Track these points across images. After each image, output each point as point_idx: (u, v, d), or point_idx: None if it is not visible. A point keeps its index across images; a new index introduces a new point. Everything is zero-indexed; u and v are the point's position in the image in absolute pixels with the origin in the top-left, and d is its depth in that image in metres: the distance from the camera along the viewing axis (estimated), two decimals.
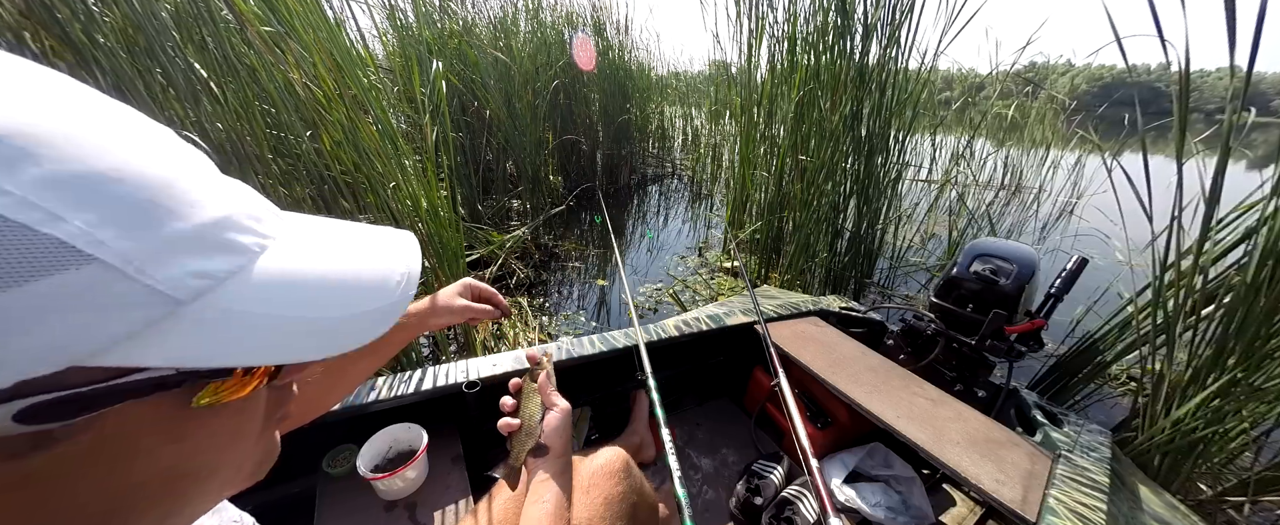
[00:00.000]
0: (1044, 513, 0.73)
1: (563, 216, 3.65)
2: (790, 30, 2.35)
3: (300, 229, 0.22)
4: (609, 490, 0.66)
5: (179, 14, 1.17)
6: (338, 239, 0.24)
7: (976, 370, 1.17)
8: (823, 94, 2.26)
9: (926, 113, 2.95)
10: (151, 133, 0.18)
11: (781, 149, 2.53)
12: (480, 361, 1.00)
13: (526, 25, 3.48)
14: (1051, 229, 3.73)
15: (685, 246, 3.40)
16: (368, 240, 0.25)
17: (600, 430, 1.20)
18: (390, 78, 2.08)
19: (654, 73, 4.98)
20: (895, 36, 2.08)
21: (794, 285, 2.59)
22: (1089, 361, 1.57)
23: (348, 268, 0.22)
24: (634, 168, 4.98)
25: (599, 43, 3.88)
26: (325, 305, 0.20)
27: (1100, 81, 35.40)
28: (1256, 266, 1.08)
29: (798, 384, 1.10)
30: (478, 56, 2.92)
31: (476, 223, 2.84)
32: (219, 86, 1.23)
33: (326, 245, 0.23)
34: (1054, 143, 4.38)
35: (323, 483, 0.84)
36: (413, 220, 1.68)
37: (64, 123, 0.15)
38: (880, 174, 2.38)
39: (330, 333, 0.20)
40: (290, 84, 1.34)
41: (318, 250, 0.22)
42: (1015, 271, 1.10)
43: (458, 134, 2.94)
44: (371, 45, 1.84)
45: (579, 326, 2.28)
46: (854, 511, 1.01)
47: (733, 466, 1.21)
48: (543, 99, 3.44)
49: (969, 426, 0.91)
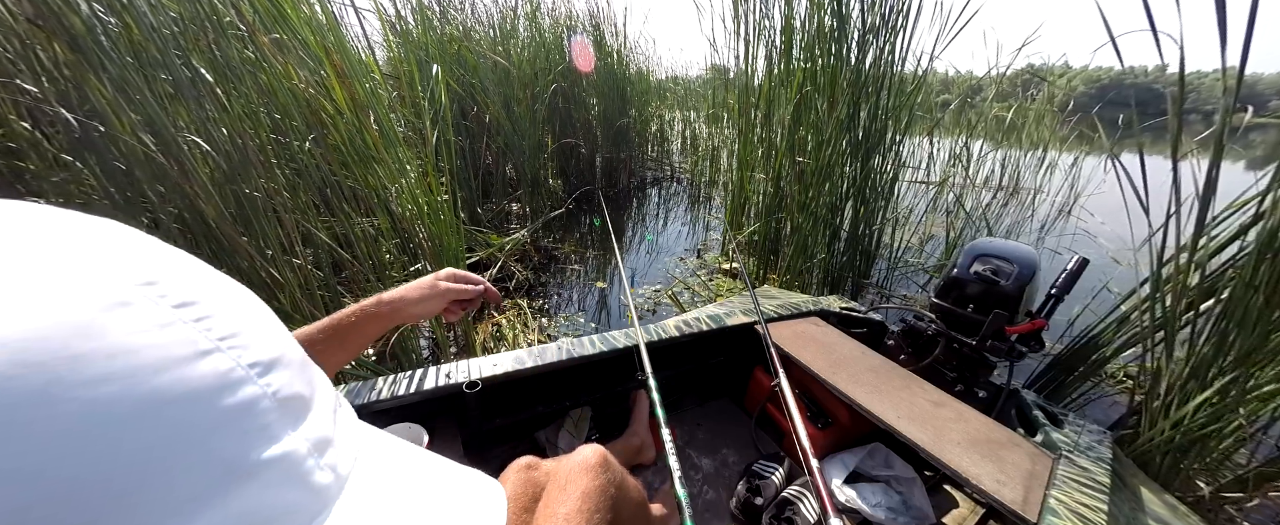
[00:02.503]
0: (1045, 513, 0.73)
1: (562, 219, 3.66)
2: (787, 34, 2.36)
3: (376, 466, 0.20)
4: (585, 485, 0.66)
5: (185, 21, 1.18)
6: (419, 475, 0.22)
7: (977, 370, 1.17)
8: (820, 97, 2.28)
9: (923, 115, 2.97)
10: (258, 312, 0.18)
11: (779, 151, 2.54)
12: (480, 361, 1.00)
13: (525, 30, 3.50)
14: (1049, 229, 3.74)
15: (684, 248, 3.41)
16: (455, 482, 0.23)
17: (600, 430, 1.20)
18: (391, 83, 2.09)
19: (653, 76, 5.01)
20: (892, 40, 2.09)
21: (792, 286, 2.60)
22: (1085, 359, 1.57)
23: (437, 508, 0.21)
24: (633, 171, 4.99)
25: (597, 46, 3.91)
26: None
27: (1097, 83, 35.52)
28: (1254, 262, 1.08)
29: (798, 384, 1.10)
30: (477, 61, 2.94)
31: (476, 226, 2.85)
32: (224, 92, 1.24)
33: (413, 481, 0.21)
34: (1051, 144, 4.40)
35: None
36: (414, 223, 1.69)
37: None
38: (877, 176, 2.39)
39: None
40: (295, 89, 1.35)
41: (405, 484, 0.20)
42: (1016, 272, 1.10)
43: (457, 138, 2.95)
44: (373, 51, 1.86)
45: (579, 328, 2.28)
46: (854, 512, 1.01)
47: (733, 467, 1.21)
48: (542, 102, 3.45)
49: (970, 427, 0.91)
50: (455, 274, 0.62)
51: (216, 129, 1.22)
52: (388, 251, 1.75)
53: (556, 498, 0.65)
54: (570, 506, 0.63)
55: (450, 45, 2.86)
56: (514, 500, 0.70)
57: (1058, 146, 4.41)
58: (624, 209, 4.41)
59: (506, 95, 3.14)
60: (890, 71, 2.16)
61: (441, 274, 0.62)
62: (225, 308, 0.15)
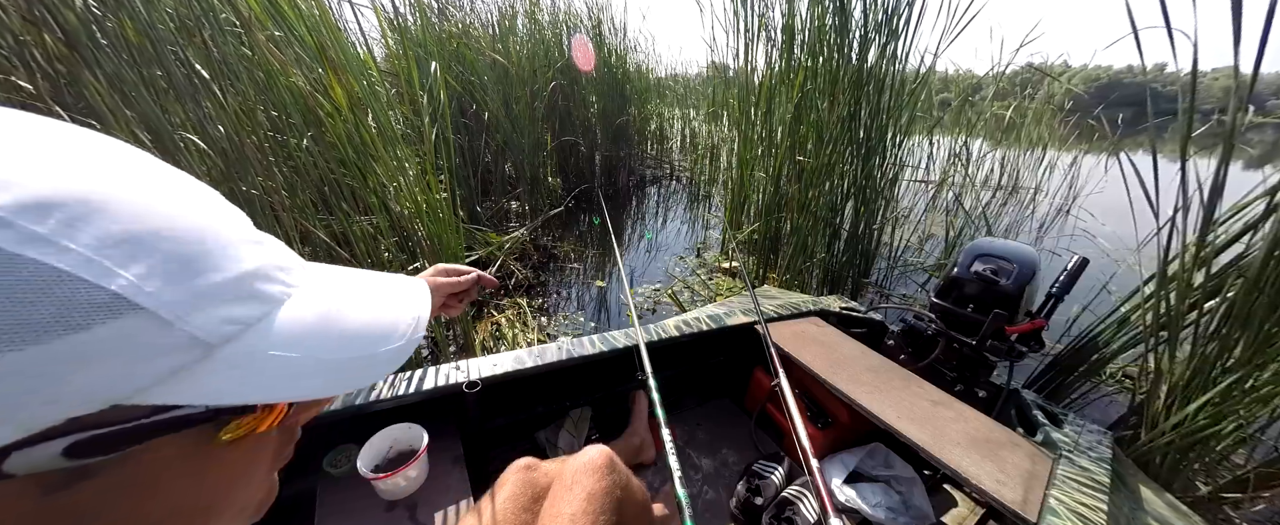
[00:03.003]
0: (1045, 513, 0.73)
1: (561, 218, 3.65)
2: (788, 31, 2.36)
3: (321, 278, 0.24)
4: (591, 486, 0.66)
5: (180, 17, 1.17)
6: (355, 287, 0.26)
7: (977, 370, 1.17)
8: (821, 95, 2.27)
9: (924, 114, 2.96)
10: (191, 190, 0.19)
11: (779, 150, 2.54)
12: (480, 361, 1.00)
13: (524, 27, 3.49)
14: (1048, 229, 3.75)
15: (684, 247, 3.40)
16: (382, 288, 0.27)
17: (600, 430, 1.20)
18: (390, 80, 2.08)
19: (652, 75, 5.00)
20: (894, 38, 2.08)
21: (792, 285, 2.60)
22: (1086, 359, 1.57)
23: (363, 314, 0.24)
24: (632, 169, 4.99)
25: (597, 44, 3.89)
26: (339, 348, 0.22)
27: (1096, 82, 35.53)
28: (1260, 262, 1.08)
29: (798, 384, 1.10)
30: (475, 58, 2.93)
31: (475, 224, 2.84)
32: (221, 89, 1.23)
33: (344, 293, 0.24)
34: (1051, 143, 4.40)
35: (323, 483, 0.84)
36: (412, 221, 1.68)
37: (114, 184, 0.16)
38: (878, 175, 2.38)
39: (343, 372, 0.22)
40: (294, 86, 1.34)
41: (336, 298, 0.24)
42: (1016, 271, 1.10)
43: (456, 136, 2.94)
44: (371, 48, 1.84)
45: (578, 327, 2.28)
46: (854, 512, 1.01)
47: (733, 467, 1.21)
48: (541, 100, 3.44)
49: (970, 427, 0.91)
50: (445, 268, 0.61)
51: (213, 126, 1.21)
52: (387, 250, 1.74)
53: (562, 497, 0.64)
54: (576, 507, 0.63)
55: (449, 42, 2.85)
56: (514, 500, 0.70)
57: (1057, 146, 4.41)
58: (623, 207, 4.41)
59: (505, 93, 3.13)
60: (892, 70, 2.15)
61: (429, 271, 0.61)
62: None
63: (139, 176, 0.17)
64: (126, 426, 0.16)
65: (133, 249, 0.15)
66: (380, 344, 0.24)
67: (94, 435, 0.15)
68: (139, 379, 0.16)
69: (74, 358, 0.14)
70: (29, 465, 0.15)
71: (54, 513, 0.16)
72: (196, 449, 0.19)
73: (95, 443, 0.15)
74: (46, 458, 0.15)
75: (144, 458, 0.17)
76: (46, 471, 0.15)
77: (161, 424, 0.17)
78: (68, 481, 0.16)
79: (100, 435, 0.15)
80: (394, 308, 0.26)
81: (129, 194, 0.16)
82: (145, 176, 0.18)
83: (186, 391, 0.17)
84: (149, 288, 0.15)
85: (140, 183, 0.17)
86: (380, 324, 0.24)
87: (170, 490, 0.19)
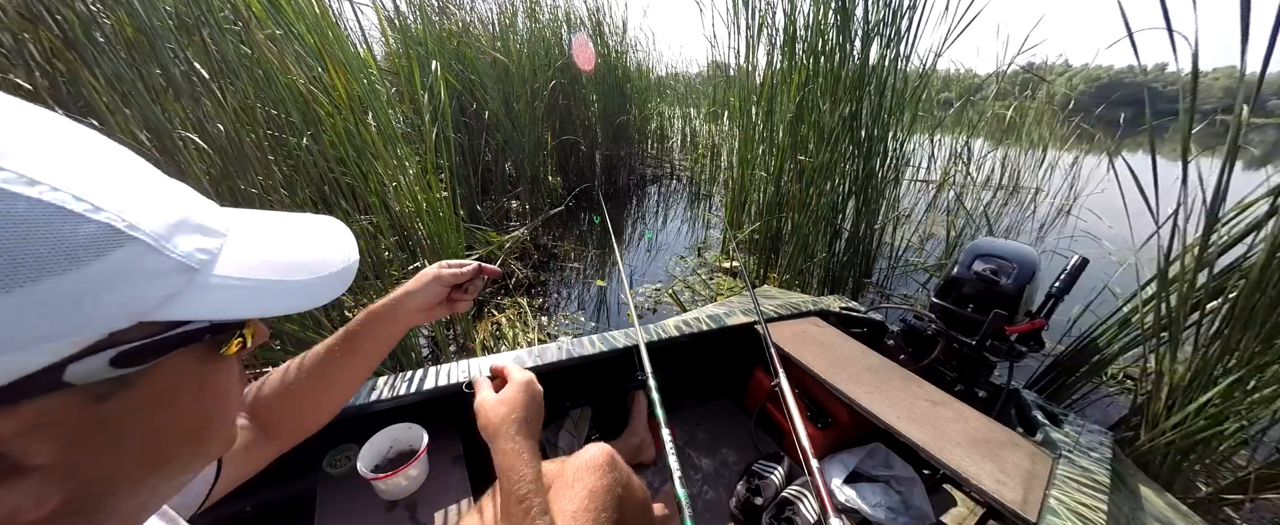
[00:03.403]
0: (1045, 513, 0.73)
1: (562, 217, 3.65)
2: (789, 30, 2.35)
3: (245, 217, 0.27)
4: (593, 483, 0.66)
5: (179, 15, 1.17)
6: (282, 223, 0.29)
7: (977, 370, 1.17)
8: (822, 95, 2.27)
9: (926, 113, 2.96)
10: (118, 148, 0.22)
11: (780, 149, 2.54)
12: (480, 361, 1.00)
13: (524, 25, 3.48)
14: (1049, 229, 3.74)
15: (684, 247, 3.40)
16: (306, 223, 0.31)
17: (600, 430, 1.20)
18: (390, 79, 2.08)
19: (652, 73, 4.99)
20: (896, 37, 2.08)
21: (793, 285, 2.60)
22: (1087, 360, 1.57)
23: (303, 243, 0.29)
24: (633, 168, 4.98)
25: (597, 43, 3.89)
26: (300, 269, 0.26)
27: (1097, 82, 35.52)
28: (1263, 263, 1.08)
29: (798, 384, 1.10)
30: (476, 57, 2.92)
31: (475, 223, 2.84)
32: (219, 87, 1.23)
33: (276, 228, 0.28)
34: (1052, 143, 4.39)
35: (323, 483, 0.84)
36: (413, 221, 1.68)
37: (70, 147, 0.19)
38: (879, 174, 2.38)
39: (305, 291, 0.26)
40: (293, 85, 1.33)
41: (273, 233, 0.27)
42: (1016, 271, 1.10)
43: (456, 134, 2.94)
44: (371, 46, 1.84)
45: (578, 327, 2.28)
46: (854, 512, 1.01)
47: (733, 467, 1.21)
48: (541, 99, 3.44)
49: (969, 427, 0.91)
50: (446, 263, 0.61)
51: (212, 125, 1.21)
52: (386, 249, 1.74)
53: (564, 494, 0.64)
54: (578, 504, 0.63)
55: (449, 41, 2.84)
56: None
57: (1058, 146, 4.40)
58: (624, 207, 4.40)
59: (506, 91, 3.13)
60: (894, 69, 2.15)
61: (433, 267, 0.61)
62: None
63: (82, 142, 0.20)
64: (152, 339, 0.20)
65: (114, 192, 0.19)
66: (322, 269, 0.28)
67: (130, 347, 0.19)
68: (149, 298, 0.19)
69: (101, 280, 0.17)
70: (84, 375, 0.18)
71: (100, 418, 0.20)
72: (200, 365, 0.24)
73: (132, 354, 0.19)
74: (97, 368, 0.18)
75: (165, 371, 0.21)
76: (96, 382, 0.19)
77: (175, 339, 0.21)
78: (111, 391, 0.20)
79: (134, 347, 0.19)
80: (326, 237, 0.30)
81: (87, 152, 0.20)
82: (80, 135, 0.20)
83: (188, 309, 0.21)
84: (134, 221, 0.19)
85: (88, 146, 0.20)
86: (320, 250, 0.29)
87: (182, 403, 0.23)
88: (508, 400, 0.55)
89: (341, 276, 0.29)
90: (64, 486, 0.19)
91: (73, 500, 0.19)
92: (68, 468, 0.19)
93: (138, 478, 0.22)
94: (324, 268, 0.28)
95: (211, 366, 0.24)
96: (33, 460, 0.18)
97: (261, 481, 0.49)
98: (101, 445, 0.20)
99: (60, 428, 0.18)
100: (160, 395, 0.22)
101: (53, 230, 0.16)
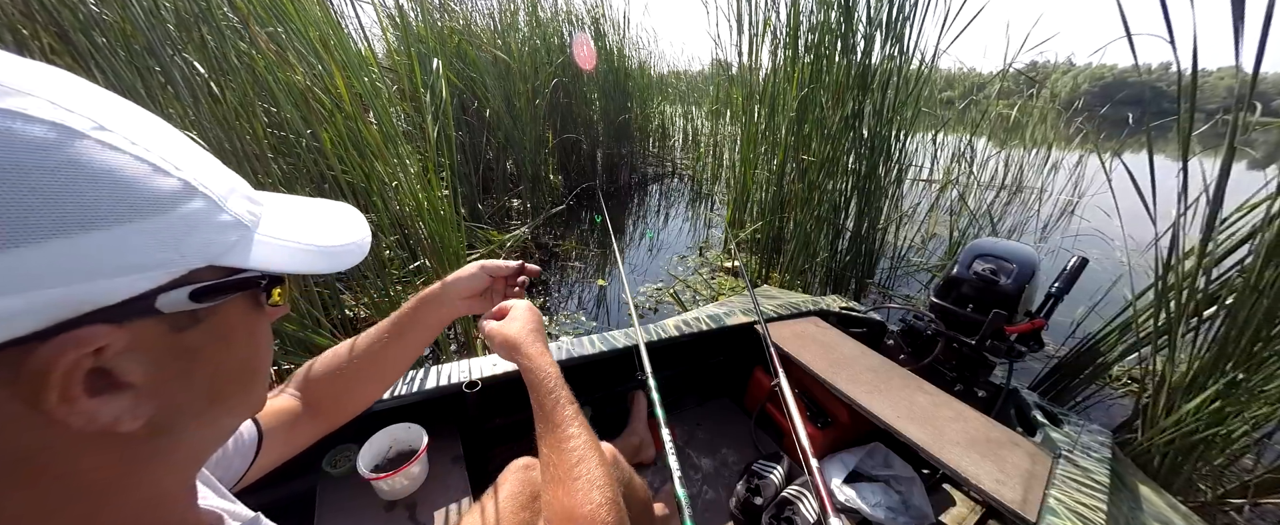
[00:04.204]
0: (1044, 513, 0.73)
1: (563, 216, 3.65)
2: (792, 29, 2.34)
3: (275, 196, 0.31)
4: None
5: (178, 13, 1.17)
6: (305, 202, 0.33)
7: (977, 370, 1.17)
8: (824, 93, 2.26)
9: (928, 112, 2.95)
10: (177, 131, 0.25)
11: (783, 148, 2.53)
12: (480, 361, 1.00)
13: (525, 24, 3.47)
14: (1052, 229, 3.73)
15: (685, 246, 3.40)
16: (325, 204, 0.35)
17: (600, 430, 1.19)
18: (390, 77, 2.08)
19: (654, 71, 4.97)
20: (898, 35, 2.07)
21: (794, 285, 2.59)
22: (1090, 362, 1.56)
23: (324, 218, 0.33)
24: (634, 167, 4.97)
25: (598, 41, 3.88)
26: (324, 238, 0.30)
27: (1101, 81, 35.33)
28: (1259, 267, 1.08)
29: (798, 384, 1.10)
30: (477, 55, 2.92)
31: (477, 222, 2.84)
32: (219, 86, 1.23)
33: (301, 205, 0.32)
34: (1056, 143, 4.37)
35: (323, 482, 0.84)
36: (413, 219, 1.68)
37: (154, 123, 0.24)
38: (881, 173, 2.37)
39: (331, 256, 0.30)
40: (292, 84, 1.33)
41: (299, 208, 0.31)
42: (1015, 271, 1.10)
43: (458, 133, 2.93)
44: (371, 44, 1.84)
45: (579, 326, 2.28)
46: (854, 511, 1.01)
47: (733, 466, 1.21)
48: (542, 97, 3.43)
49: (969, 426, 0.91)
50: (488, 265, 0.64)
51: (211, 128, 1.21)
52: (387, 248, 1.74)
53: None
54: None
55: (450, 39, 2.84)
56: (513, 499, 0.70)
57: (1062, 146, 4.38)
58: (625, 205, 4.40)
59: (507, 89, 3.12)
60: (896, 67, 2.14)
61: (476, 267, 0.63)
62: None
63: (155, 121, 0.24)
64: (220, 281, 0.24)
65: (184, 157, 0.23)
66: (340, 239, 0.32)
67: (204, 285, 0.23)
68: (217, 245, 0.23)
69: (183, 223, 0.21)
70: (171, 304, 0.22)
71: (179, 347, 0.23)
72: (250, 312, 0.27)
73: (205, 291, 0.23)
74: (179, 300, 0.22)
75: (226, 313, 0.25)
76: (178, 312, 0.22)
77: (236, 282, 0.25)
78: (187, 323, 0.23)
79: (207, 286, 0.23)
80: (343, 212, 0.35)
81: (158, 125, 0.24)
82: (159, 122, 0.24)
83: (245, 259, 0.25)
84: (203, 180, 0.23)
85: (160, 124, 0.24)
86: (342, 222, 0.34)
87: (236, 343, 0.27)
88: (519, 319, 0.59)
89: (359, 246, 0.33)
90: (151, 403, 0.22)
91: (155, 419, 0.23)
92: (153, 387, 0.22)
93: (201, 409, 0.26)
94: (343, 237, 0.32)
95: (257, 314, 0.28)
96: (128, 378, 0.21)
97: (261, 480, 0.49)
98: (178, 372, 0.23)
99: (149, 351, 0.22)
100: (224, 334, 0.26)
101: (152, 181, 0.20)
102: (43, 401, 0.18)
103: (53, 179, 0.17)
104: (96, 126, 0.19)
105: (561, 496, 0.45)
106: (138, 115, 0.23)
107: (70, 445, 0.20)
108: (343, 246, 0.31)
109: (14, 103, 0.18)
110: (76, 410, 0.19)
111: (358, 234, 0.34)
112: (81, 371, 0.19)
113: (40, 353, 0.18)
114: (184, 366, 0.24)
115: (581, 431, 0.51)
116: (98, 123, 0.19)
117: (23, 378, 0.18)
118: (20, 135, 0.17)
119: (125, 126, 0.21)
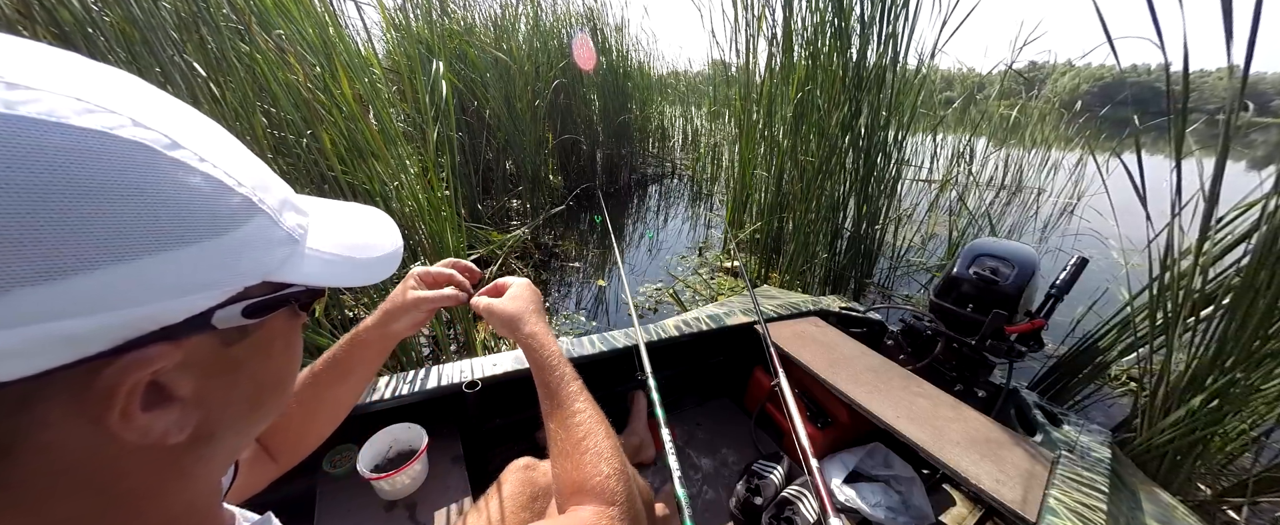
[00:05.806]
0: (1044, 512, 0.73)
1: (562, 216, 3.65)
2: (787, 29, 2.35)
3: (316, 202, 0.31)
4: None
5: (178, 13, 1.17)
6: (343, 210, 0.33)
7: (976, 370, 1.17)
8: (821, 93, 2.26)
9: (926, 112, 2.95)
10: (228, 134, 0.25)
11: (781, 148, 2.53)
12: (480, 361, 1.00)
13: (526, 25, 3.48)
14: (1052, 229, 3.73)
15: (685, 246, 3.40)
16: (361, 211, 0.35)
17: None
18: (391, 77, 2.08)
19: (653, 72, 4.98)
20: (892, 35, 2.07)
21: (794, 285, 2.59)
22: (1089, 362, 1.56)
23: (362, 227, 0.32)
24: (634, 167, 4.98)
25: (598, 42, 3.88)
26: (361, 250, 0.30)
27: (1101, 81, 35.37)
28: (1255, 267, 1.08)
29: (798, 384, 1.10)
30: (477, 56, 2.92)
31: (477, 222, 2.84)
32: (219, 86, 1.23)
33: (340, 214, 0.32)
34: (1055, 143, 4.37)
35: (323, 483, 0.84)
36: (414, 220, 1.68)
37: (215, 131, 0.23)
38: (880, 173, 2.38)
39: (367, 268, 0.30)
40: (293, 84, 1.33)
41: (339, 217, 0.31)
42: (1015, 271, 1.10)
43: (458, 133, 2.93)
44: (373, 45, 1.84)
45: (579, 326, 2.28)
46: (854, 511, 1.01)
47: (733, 466, 1.21)
48: (543, 98, 3.43)
49: (969, 426, 0.91)
50: (423, 275, 0.58)
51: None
52: None
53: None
54: None
55: (451, 40, 2.84)
56: (513, 499, 0.70)
57: (1061, 146, 4.39)
58: (624, 206, 4.40)
59: (507, 91, 3.12)
60: (893, 66, 2.14)
61: (409, 280, 0.57)
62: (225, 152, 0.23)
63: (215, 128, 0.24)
64: (270, 297, 0.24)
65: (245, 171, 0.23)
66: (377, 251, 0.32)
67: (256, 301, 0.23)
68: (271, 261, 0.23)
69: (243, 242, 0.22)
70: (225, 320, 0.22)
71: (227, 360, 0.24)
72: (290, 322, 0.28)
73: (257, 307, 0.23)
74: (233, 316, 0.22)
75: (270, 326, 0.26)
76: (230, 328, 0.23)
77: (283, 297, 0.25)
78: (236, 338, 0.24)
79: (259, 302, 0.23)
80: (379, 223, 0.35)
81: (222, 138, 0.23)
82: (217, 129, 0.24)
83: (294, 273, 0.25)
84: (260, 197, 0.23)
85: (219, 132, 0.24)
86: (377, 234, 0.34)
87: (276, 354, 0.27)
88: (518, 296, 0.58)
89: (393, 258, 0.33)
90: (196, 415, 0.22)
91: (200, 430, 0.23)
92: (201, 400, 0.22)
93: (240, 416, 0.26)
94: (379, 250, 0.32)
95: (294, 325, 0.29)
96: (179, 392, 0.21)
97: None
98: (224, 384, 0.24)
99: (200, 365, 0.22)
100: (266, 345, 0.26)
101: (219, 199, 0.21)
102: (106, 419, 0.19)
103: (132, 203, 0.18)
104: (170, 144, 0.19)
105: (570, 470, 0.45)
106: (199, 124, 0.23)
107: (118, 457, 0.20)
108: (379, 258, 0.32)
109: (101, 121, 0.18)
110: (133, 426, 0.20)
111: (392, 243, 0.34)
112: (141, 387, 0.19)
113: (107, 373, 0.18)
114: (230, 378, 0.24)
115: (587, 406, 0.50)
116: (171, 140, 0.19)
117: (90, 397, 0.18)
118: (106, 156, 0.17)
119: (194, 141, 0.21)
